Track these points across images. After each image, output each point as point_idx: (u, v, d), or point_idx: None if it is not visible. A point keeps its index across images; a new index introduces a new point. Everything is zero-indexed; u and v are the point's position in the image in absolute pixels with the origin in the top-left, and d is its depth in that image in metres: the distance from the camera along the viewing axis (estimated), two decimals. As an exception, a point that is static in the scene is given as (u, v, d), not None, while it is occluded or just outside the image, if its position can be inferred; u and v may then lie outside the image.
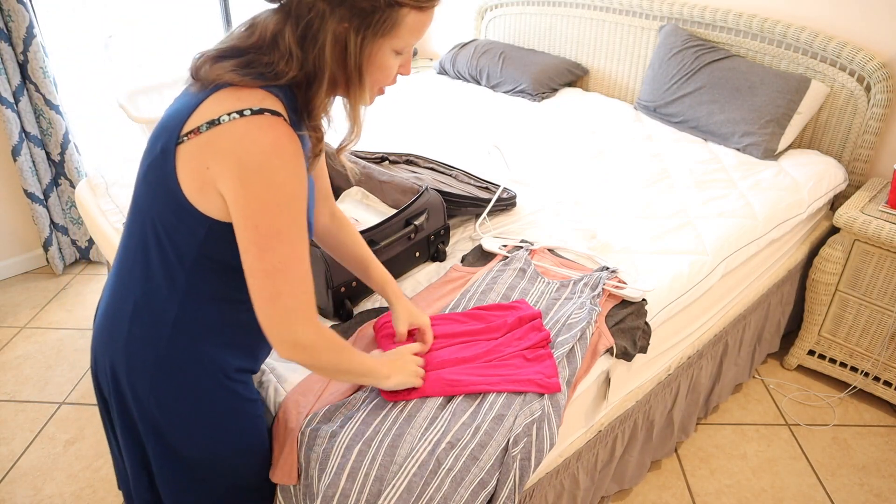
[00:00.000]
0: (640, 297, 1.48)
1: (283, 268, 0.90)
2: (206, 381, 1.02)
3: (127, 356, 1.00)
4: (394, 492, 1.04)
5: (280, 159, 0.86)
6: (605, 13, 2.83)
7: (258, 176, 0.85)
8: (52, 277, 2.86)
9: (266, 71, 0.89)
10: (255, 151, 0.85)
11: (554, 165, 2.19)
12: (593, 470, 1.54)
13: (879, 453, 1.94)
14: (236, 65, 0.89)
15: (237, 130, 0.85)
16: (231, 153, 0.85)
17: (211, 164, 0.87)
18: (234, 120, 0.85)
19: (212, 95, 0.88)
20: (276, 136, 0.86)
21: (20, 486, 1.85)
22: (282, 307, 0.91)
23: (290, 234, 0.89)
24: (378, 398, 1.19)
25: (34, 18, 2.42)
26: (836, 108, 2.25)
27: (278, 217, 0.87)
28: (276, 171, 0.86)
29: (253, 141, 0.85)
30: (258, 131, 0.85)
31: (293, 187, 0.88)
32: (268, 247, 0.88)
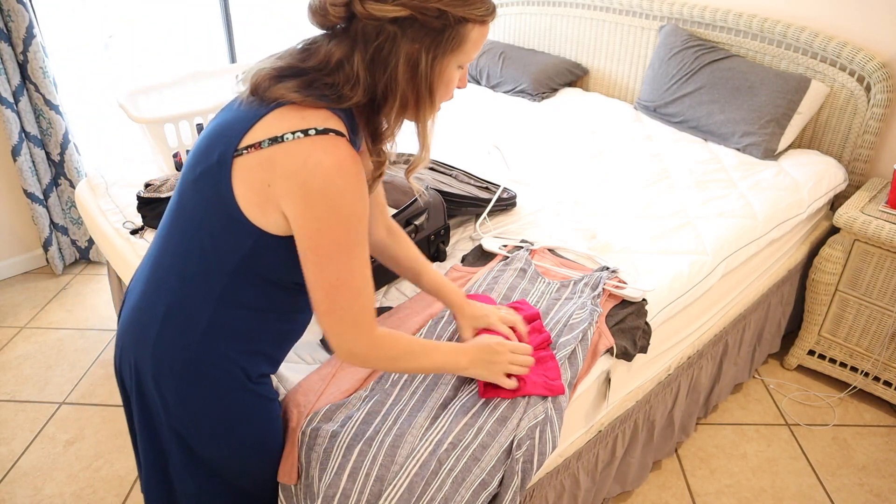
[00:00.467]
0: (641, 297, 1.48)
1: (340, 284, 0.92)
2: (230, 385, 1.03)
3: (154, 357, 1.01)
4: (395, 492, 1.04)
5: (344, 181, 0.87)
6: (605, 13, 2.83)
7: (321, 197, 0.86)
8: (52, 277, 2.86)
9: (329, 93, 0.90)
10: (319, 173, 0.86)
11: (554, 165, 2.19)
12: (594, 470, 1.54)
13: (879, 453, 1.94)
14: (298, 84, 0.90)
15: (302, 151, 0.86)
16: (295, 174, 0.86)
17: (274, 182, 0.88)
18: (298, 139, 0.86)
19: (274, 111, 0.89)
20: (340, 157, 0.87)
21: (20, 486, 1.85)
22: (338, 319, 0.95)
23: (349, 252, 0.91)
24: (378, 396, 1.19)
25: (34, 18, 2.42)
26: (836, 108, 2.25)
27: (339, 236, 0.89)
28: (339, 192, 0.87)
29: (318, 162, 0.86)
30: (323, 152, 0.86)
31: (355, 208, 0.89)
32: (327, 264, 0.91)
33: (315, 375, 1.26)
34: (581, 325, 1.34)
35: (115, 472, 1.89)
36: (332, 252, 0.90)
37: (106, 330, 2.50)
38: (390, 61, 0.89)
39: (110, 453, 1.95)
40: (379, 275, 1.50)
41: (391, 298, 1.52)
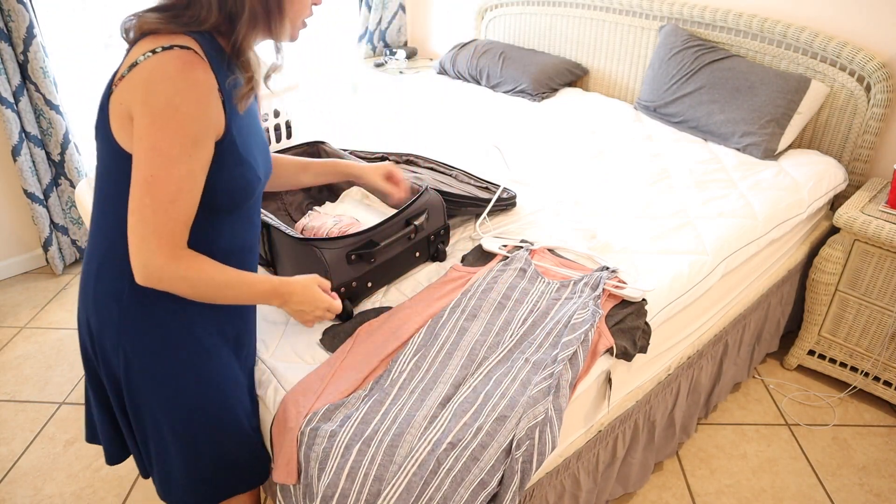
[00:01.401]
0: (641, 297, 1.48)
1: (153, 181, 0.91)
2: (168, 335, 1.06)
3: (96, 311, 1.06)
4: (393, 491, 1.04)
5: (183, 82, 0.89)
6: (605, 13, 2.83)
7: (158, 96, 0.89)
8: (52, 277, 2.86)
9: (187, 20, 0.94)
10: (160, 77, 0.89)
11: (554, 165, 2.19)
12: (595, 471, 1.54)
13: (879, 453, 1.94)
14: (160, 17, 0.94)
15: (148, 65, 0.90)
16: (140, 83, 0.90)
17: (124, 99, 0.91)
18: (147, 58, 0.90)
19: (137, 43, 0.94)
20: (181, 63, 0.89)
21: (20, 486, 1.85)
22: (140, 221, 0.93)
23: (174, 151, 0.90)
24: (377, 396, 1.19)
25: (34, 18, 2.42)
26: (836, 108, 2.25)
27: (167, 132, 0.90)
28: (176, 92, 0.89)
29: (161, 69, 0.89)
30: (167, 61, 0.89)
31: (190, 110, 0.90)
32: (147, 157, 0.91)
33: (314, 375, 1.26)
34: (583, 325, 1.34)
35: (115, 472, 1.89)
36: (155, 145, 0.90)
37: (106, 330, 2.50)
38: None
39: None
40: (379, 274, 1.50)
41: (391, 299, 1.52)
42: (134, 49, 0.94)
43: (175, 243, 0.95)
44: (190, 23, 0.94)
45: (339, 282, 1.40)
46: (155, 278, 0.95)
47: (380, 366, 1.28)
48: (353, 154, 1.97)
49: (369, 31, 3.69)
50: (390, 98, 2.96)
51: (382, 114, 2.73)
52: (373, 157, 2.00)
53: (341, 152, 1.80)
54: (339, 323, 1.42)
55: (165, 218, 0.93)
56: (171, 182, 0.91)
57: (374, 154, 2.01)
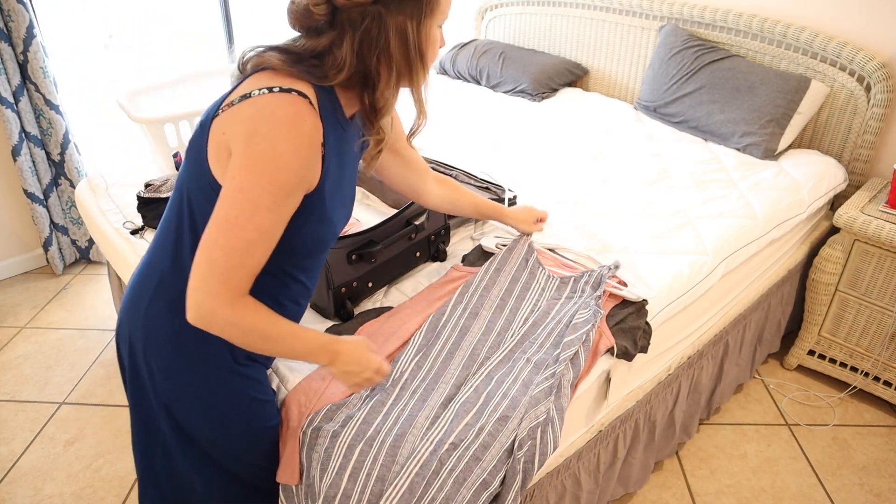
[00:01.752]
0: (641, 297, 1.48)
1: (234, 224, 0.87)
2: (214, 361, 1.04)
3: (144, 327, 1.03)
4: (395, 492, 1.04)
5: (289, 130, 0.87)
6: (605, 13, 2.83)
7: (260, 139, 0.86)
8: (52, 277, 2.86)
9: (314, 70, 0.92)
10: (268, 119, 0.87)
11: (554, 165, 2.19)
12: (595, 471, 1.54)
13: (879, 453, 1.94)
14: (283, 56, 0.92)
15: (260, 102, 0.88)
16: (246, 118, 0.88)
17: (227, 129, 0.89)
18: (262, 94, 0.88)
19: (253, 75, 0.92)
20: (295, 110, 0.87)
21: (20, 486, 1.85)
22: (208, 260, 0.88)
23: (261, 199, 0.87)
24: (379, 396, 1.19)
25: (34, 18, 2.42)
26: (836, 108, 2.25)
27: (260, 177, 0.86)
28: (280, 139, 0.86)
29: (271, 110, 0.87)
30: (278, 103, 0.87)
31: (289, 162, 0.87)
32: (232, 198, 0.87)
33: (315, 375, 1.26)
34: (584, 325, 1.34)
35: (115, 472, 1.89)
36: (245, 187, 0.86)
37: (106, 330, 2.50)
38: (381, 38, 0.92)
39: (110, 453, 1.95)
40: (380, 274, 1.50)
41: (391, 299, 1.52)
42: (250, 80, 0.91)
43: (238, 291, 0.90)
44: (312, 72, 0.92)
45: (339, 282, 1.40)
46: (206, 321, 0.90)
47: (381, 366, 1.28)
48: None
49: (369, 30, 3.68)
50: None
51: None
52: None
53: None
54: (339, 323, 1.42)
55: (235, 264, 0.88)
56: (251, 229, 0.87)
57: None
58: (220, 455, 1.13)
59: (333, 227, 1.03)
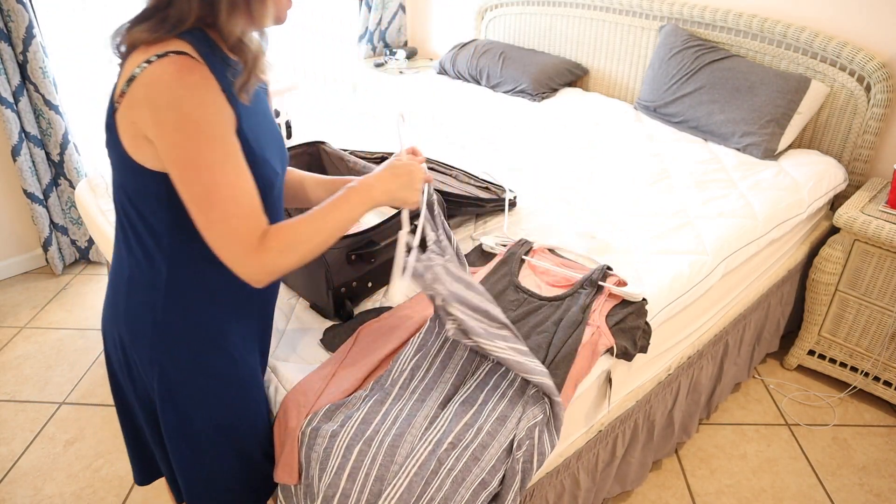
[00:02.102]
0: (641, 297, 1.48)
1: (208, 196, 0.89)
2: (200, 345, 1.05)
3: (129, 325, 1.05)
4: (394, 492, 1.04)
5: (184, 89, 0.87)
6: (605, 13, 2.83)
7: (167, 110, 0.87)
8: (51, 277, 2.86)
9: (175, 21, 0.92)
10: (160, 89, 0.87)
11: (554, 165, 2.19)
12: (594, 470, 1.54)
13: (879, 453, 1.94)
14: (147, 27, 0.91)
15: (145, 77, 0.88)
16: (144, 99, 0.88)
17: (133, 117, 0.90)
18: (143, 69, 0.88)
19: (129, 58, 0.92)
20: (176, 69, 0.87)
21: (20, 486, 1.85)
22: (218, 236, 0.91)
23: (210, 160, 0.89)
24: (378, 396, 1.19)
25: (34, 18, 2.42)
26: (836, 108, 2.25)
27: (194, 146, 0.88)
28: (182, 101, 0.87)
29: (158, 80, 0.87)
30: (162, 71, 0.87)
31: (205, 114, 0.88)
32: (190, 178, 0.89)
33: (315, 375, 1.26)
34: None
35: (115, 472, 1.89)
36: (191, 163, 0.88)
37: (106, 330, 2.50)
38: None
39: (110, 453, 1.95)
40: (379, 274, 1.50)
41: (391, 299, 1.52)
42: (128, 62, 0.92)
43: (257, 236, 0.92)
44: (176, 23, 0.92)
45: (339, 282, 1.40)
46: (265, 276, 0.94)
47: (380, 366, 1.28)
48: (353, 154, 1.96)
49: (369, 31, 3.69)
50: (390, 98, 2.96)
51: (382, 114, 2.73)
52: (373, 157, 2.00)
53: (341, 152, 1.79)
54: (339, 323, 1.42)
55: (236, 221, 0.91)
56: (224, 186, 0.90)
57: (374, 154, 2.01)
58: (215, 445, 1.13)
59: (271, 164, 1.03)
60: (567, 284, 1.51)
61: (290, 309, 1.50)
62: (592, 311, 1.41)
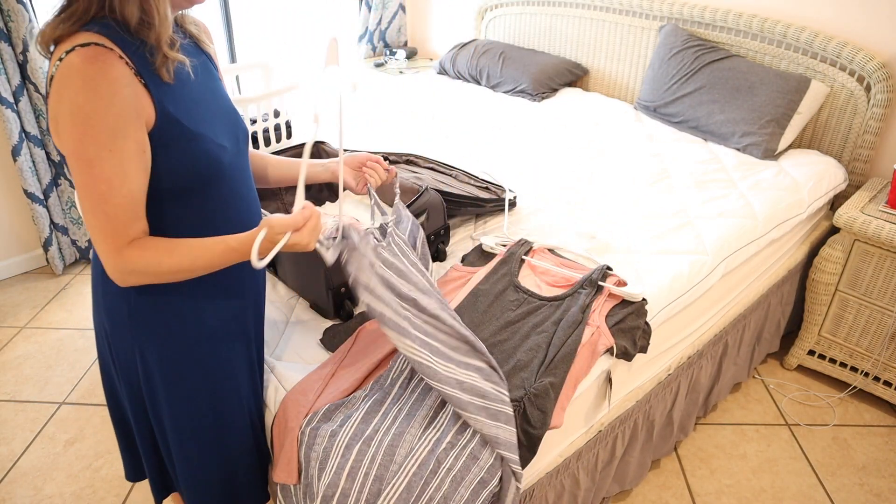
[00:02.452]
0: (641, 297, 1.48)
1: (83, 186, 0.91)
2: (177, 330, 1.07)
3: (108, 314, 1.08)
4: (394, 491, 1.04)
5: (81, 80, 0.87)
6: (605, 13, 2.83)
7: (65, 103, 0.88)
8: (51, 277, 2.86)
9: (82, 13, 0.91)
10: (64, 84, 0.87)
11: (554, 165, 2.19)
12: (594, 470, 1.54)
13: (879, 453, 1.94)
14: (54, 23, 0.91)
15: (57, 75, 0.88)
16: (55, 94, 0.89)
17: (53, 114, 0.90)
18: (57, 68, 0.89)
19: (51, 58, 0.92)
20: (80, 61, 0.87)
21: (20, 486, 1.85)
22: (89, 228, 0.94)
23: (90, 154, 0.89)
24: (377, 395, 1.19)
25: (34, 18, 2.42)
26: (836, 108, 2.25)
27: (80, 136, 0.88)
28: (76, 93, 0.87)
29: (64, 76, 0.87)
30: (68, 66, 0.87)
31: (98, 106, 0.88)
32: (73, 168, 0.90)
33: (314, 375, 1.26)
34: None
35: (115, 472, 1.89)
36: (74, 151, 0.89)
37: (106, 330, 2.50)
38: None
39: (110, 453, 1.95)
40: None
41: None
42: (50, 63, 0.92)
43: (122, 240, 0.94)
44: (81, 15, 0.91)
45: (339, 282, 1.40)
46: (120, 277, 0.95)
47: (380, 366, 1.28)
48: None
49: (369, 31, 3.69)
50: (390, 98, 2.96)
51: (382, 114, 2.73)
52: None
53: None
54: (339, 323, 1.42)
55: (104, 218, 0.92)
56: (99, 182, 0.90)
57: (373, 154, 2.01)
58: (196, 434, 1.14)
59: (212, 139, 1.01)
60: (567, 284, 1.51)
61: (290, 309, 1.50)
62: (592, 311, 1.41)
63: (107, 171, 0.90)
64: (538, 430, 1.18)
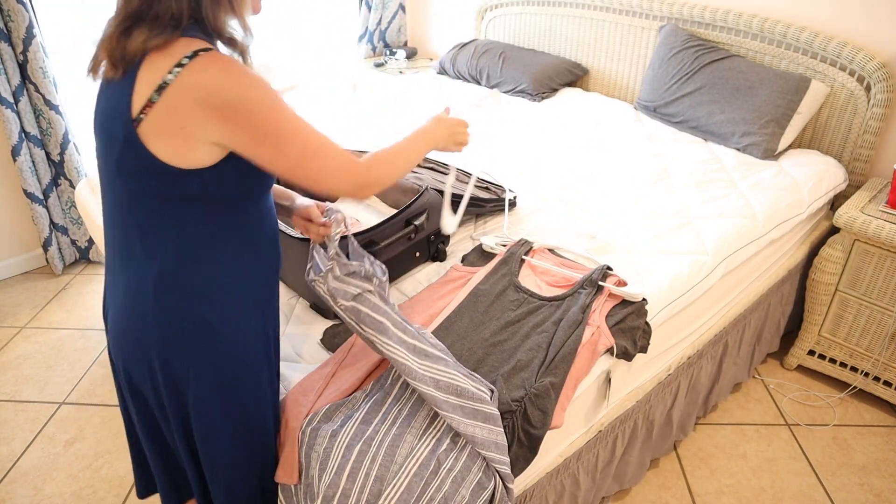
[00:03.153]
0: (641, 297, 1.48)
1: (307, 150, 0.96)
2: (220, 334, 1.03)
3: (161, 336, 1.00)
4: (394, 492, 1.04)
5: (239, 77, 0.89)
6: (605, 13, 2.83)
7: (237, 104, 0.88)
8: (51, 277, 2.86)
9: (168, 21, 0.91)
10: (220, 87, 0.87)
11: (554, 165, 2.19)
12: (594, 470, 1.54)
13: (879, 453, 1.94)
14: (145, 31, 0.90)
15: (187, 81, 0.87)
16: (199, 102, 0.87)
17: (182, 122, 0.88)
18: (177, 75, 0.87)
19: (141, 66, 0.90)
20: (221, 65, 0.88)
21: (20, 486, 1.85)
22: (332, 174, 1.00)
23: (292, 126, 0.94)
24: (377, 396, 1.19)
25: (34, 18, 2.42)
26: (836, 108, 2.25)
27: (269, 119, 0.91)
28: (244, 88, 0.89)
29: (211, 80, 0.87)
30: (205, 71, 0.87)
31: (264, 89, 0.91)
32: (285, 148, 0.94)
33: (315, 375, 1.26)
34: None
35: (115, 472, 1.89)
36: (271, 139, 0.92)
37: (106, 330, 2.50)
38: None
39: (110, 453, 1.95)
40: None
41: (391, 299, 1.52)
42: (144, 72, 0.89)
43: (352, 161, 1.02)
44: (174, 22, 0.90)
45: (339, 282, 1.40)
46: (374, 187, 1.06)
47: (380, 366, 1.28)
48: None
49: (369, 31, 3.69)
50: (390, 98, 2.96)
51: (382, 114, 2.73)
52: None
53: None
54: (339, 323, 1.42)
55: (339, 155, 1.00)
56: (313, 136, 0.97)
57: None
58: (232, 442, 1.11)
59: None
60: (567, 284, 1.51)
61: (290, 309, 1.50)
62: (592, 311, 1.41)
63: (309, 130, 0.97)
64: (539, 430, 1.18)
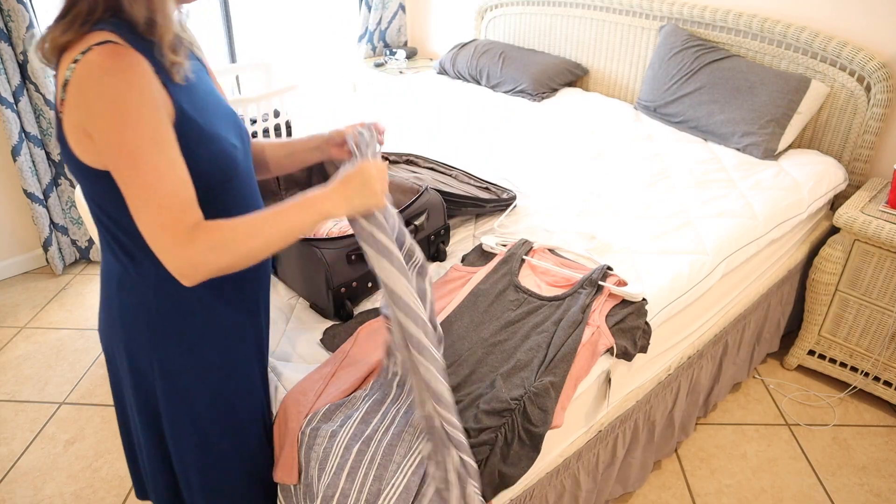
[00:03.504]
0: (641, 297, 1.48)
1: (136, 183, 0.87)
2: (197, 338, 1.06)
3: (125, 329, 1.05)
4: (393, 491, 1.04)
5: (110, 76, 0.85)
6: (605, 13, 2.83)
7: (97, 101, 0.85)
8: (51, 277, 2.86)
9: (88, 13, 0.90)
10: (91, 83, 0.85)
11: (554, 166, 2.19)
12: (595, 471, 1.54)
13: (879, 453, 1.94)
14: (62, 27, 0.90)
15: (76, 77, 0.86)
16: (79, 98, 0.86)
17: (76, 120, 0.88)
18: (73, 70, 0.87)
19: (59, 63, 0.90)
20: (102, 59, 0.86)
21: (20, 486, 1.85)
22: (146, 225, 0.88)
23: (135, 146, 0.86)
24: (377, 395, 1.19)
25: (34, 18, 2.42)
26: (836, 108, 2.25)
27: (120, 133, 0.86)
28: (109, 88, 0.85)
29: (88, 76, 0.86)
30: (89, 66, 0.86)
31: (129, 98, 0.86)
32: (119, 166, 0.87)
33: (315, 375, 1.26)
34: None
35: (115, 472, 1.89)
36: (120, 149, 0.86)
37: (106, 330, 2.50)
38: None
39: (110, 453, 1.95)
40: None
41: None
42: (59, 68, 0.90)
43: (186, 228, 0.88)
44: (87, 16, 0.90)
45: (339, 282, 1.40)
46: (191, 272, 0.89)
47: (380, 365, 1.28)
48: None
49: (369, 31, 3.69)
50: (390, 98, 2.96)
51: (382, 114, 2.73)
52: (373, 157, 1.99)
53: None
54: (339, 323, 1.42)
55: (158, 210, 0.87)
56: (146, 173, 0.86)
57: None
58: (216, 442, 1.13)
59: (227, 139, 1.01)
60: (567, 284, 1.51)
61: (290, 309, 1.50)
62: (592, 311, 1.41)
63: (153, 161, 0.86)
64: (540, 429, 1.18)
